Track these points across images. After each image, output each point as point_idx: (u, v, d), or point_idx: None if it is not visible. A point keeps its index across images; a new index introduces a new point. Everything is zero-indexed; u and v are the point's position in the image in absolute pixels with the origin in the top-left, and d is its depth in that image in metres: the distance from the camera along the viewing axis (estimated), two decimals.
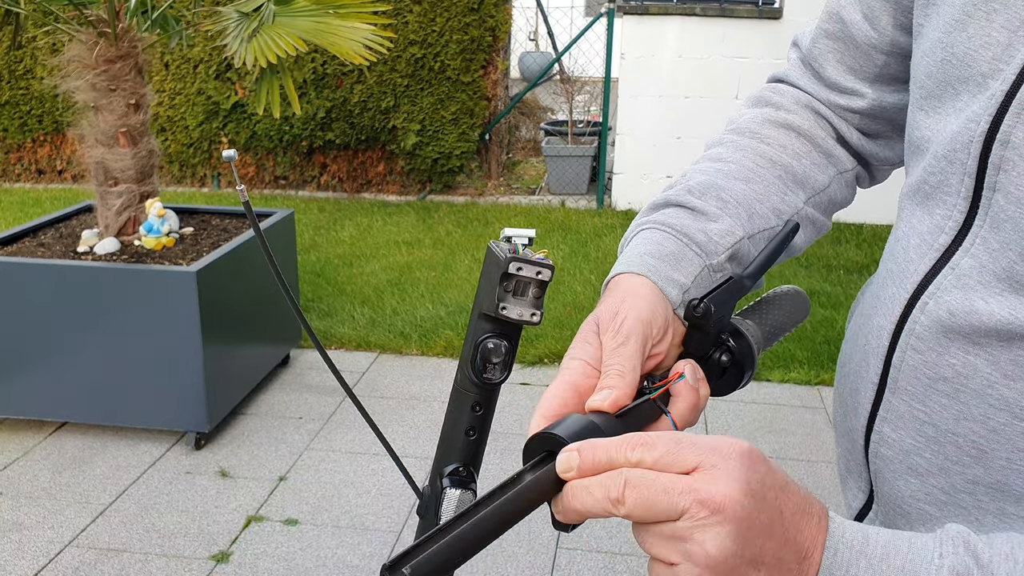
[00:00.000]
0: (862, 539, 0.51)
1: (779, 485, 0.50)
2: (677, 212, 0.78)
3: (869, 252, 5.43)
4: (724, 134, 0.88)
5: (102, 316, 3.08)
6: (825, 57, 0.86)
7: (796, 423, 3.45)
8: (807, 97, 0.88)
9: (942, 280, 0.65)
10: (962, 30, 0.65)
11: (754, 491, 0.48)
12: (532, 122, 7.89)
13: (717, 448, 0.50)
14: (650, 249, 0.74)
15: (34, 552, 2.61)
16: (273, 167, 6.87)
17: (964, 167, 0.64)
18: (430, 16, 6.33)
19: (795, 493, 0.51)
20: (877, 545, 0.50)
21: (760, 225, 0.79)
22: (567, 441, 0.54)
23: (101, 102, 3.37)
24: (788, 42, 0.95)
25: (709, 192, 0.78)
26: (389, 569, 0.48)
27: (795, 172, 0.83)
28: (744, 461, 0.49)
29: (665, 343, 0.68)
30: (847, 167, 0.88)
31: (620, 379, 0.61)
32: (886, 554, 0.50)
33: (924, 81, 0.71)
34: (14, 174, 7.17)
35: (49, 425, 3.33)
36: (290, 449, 3.20)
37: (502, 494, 0.53)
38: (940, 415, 0.65)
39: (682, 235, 0.75)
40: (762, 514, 0.49)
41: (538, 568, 2.58)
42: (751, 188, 0.80)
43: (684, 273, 0.72)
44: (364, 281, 4.86)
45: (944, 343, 0.64)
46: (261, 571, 2.55)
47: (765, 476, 0.50)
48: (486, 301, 0.64)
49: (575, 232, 5.80)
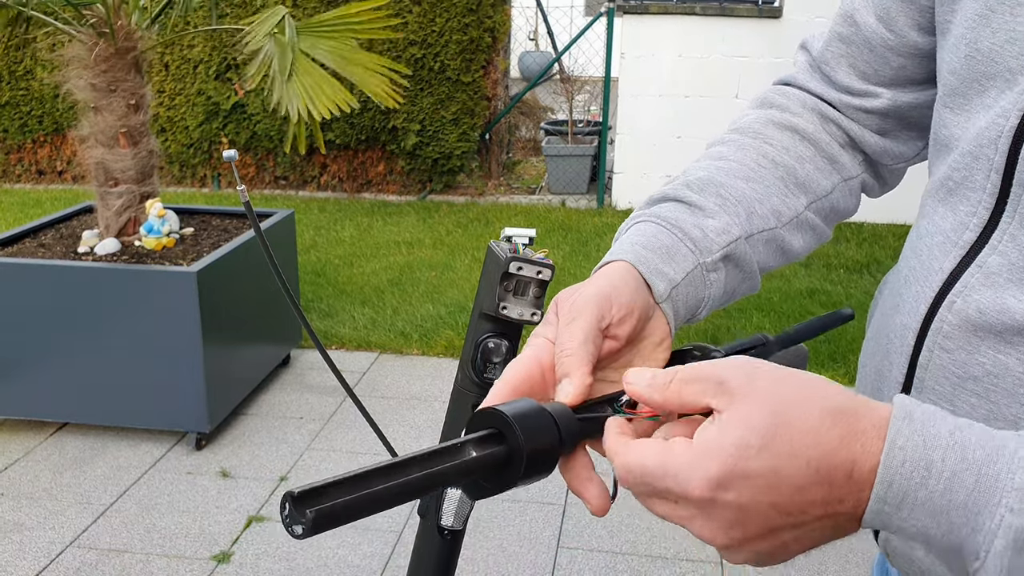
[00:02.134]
0: (924, 469, 0.48)
1: (763, 486, 0.50)
2: (674, 207, 0.76)
3: (869, 251, 5.43)
4: (726, 133, 0.86)
5: (102, 316, 3.08)
6: (837, 61, 0.84)
7: None
8: (814, 100, 0.86)
9: (969, 278, 0.64)
10: (986, 25, 0.64)
11: (729, 520, 0.51)
12: (532, 122, 7.89)
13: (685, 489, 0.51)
14: (642, 240, 0.72)
15: (35, 553, 2.62)
16: (273, 167, 6.88)
17: (991, 163, 0.63)
18: (430, 16, 6.33)
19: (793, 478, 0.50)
20: (941, 477, 0.48)
21: (759, 226, 0.77)
22: (511, 420, 0.52)
23: (101, 102, 3.37)
24: (788, 41, 0.95)
25: (708, 188, 0.77)
26: (294, 501, 0.44)
27: (797, 175, 0.82)
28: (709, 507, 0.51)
29: (626, 327, 0.65)
30: (852, 174, 0.86)
31: (573, 361, 0.60)
32: (949, 487, 0.48)
33: (948, 78, 0.69)
34: (14, 175, 7.18)
35: (50, 426, 3.33)
36: (291, 449, 3.20)
37: (440, 461, 0.50)
38: (969, 415, 0.64)
39: (676, 229, 0.73)
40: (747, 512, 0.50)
41: (539, 567, 2.58)
42: (752, 187, 0.78)
43: (675, 268, 0.71)
44: (364, 281, 4.86)
45: (974, 342, 0.63)
46: (262, 571, 2.55)
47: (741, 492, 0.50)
48: (487, 301, 0.64)
49: (575, 232, 5.80)
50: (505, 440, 0.52)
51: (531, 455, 0.52)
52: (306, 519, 0.44)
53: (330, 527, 0.45)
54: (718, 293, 0.75)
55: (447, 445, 0.51)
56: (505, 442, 0.52)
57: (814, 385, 0.52)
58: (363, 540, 2.68)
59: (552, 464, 0.54)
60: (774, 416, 0.49)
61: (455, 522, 0.69)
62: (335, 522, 0.45)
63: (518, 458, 0.52)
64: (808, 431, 0.49)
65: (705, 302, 0.74)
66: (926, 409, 0.50)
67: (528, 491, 2.94)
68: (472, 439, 0.52)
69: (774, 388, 0.51)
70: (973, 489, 0.47)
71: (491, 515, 2.81)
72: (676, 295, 0.70)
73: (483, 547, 2.67)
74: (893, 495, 0.48)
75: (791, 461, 0.49)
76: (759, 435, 0.49)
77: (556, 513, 2.83)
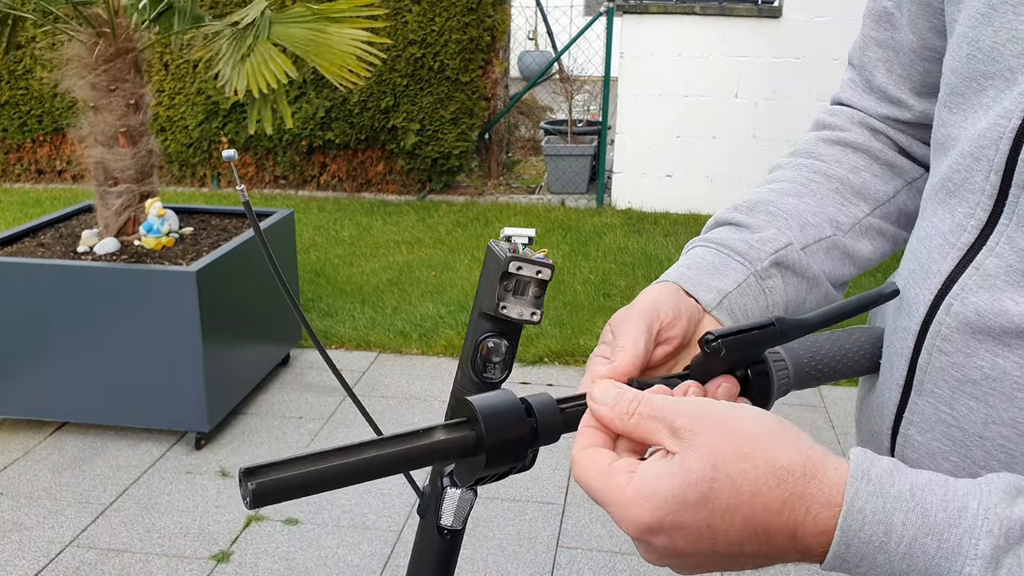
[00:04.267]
0: (884, 533, 0.48)
1: (696, 538, 0.50)
2: (725, 230, 0.79)
3: None
4: (783, 158, 0.89)
5: (102, 316, 3.07)
6: (875, 65, 0.85)
7: (796, 422, 3.40)
8: (860, 115, 0.88)
9: (966, 280, 0.63)
10: (988, 24, 0.64)
11: (661, 554, 0.52)
12: (532, 121, 7.89)
13: (620, 523, 0.52)
14: (688, 262, 0.77)
15: (35, 552, 2.62)
16: (273, 167, 6.87)
17: (991, 164, 0.62)
18: (429, 16, 6.32)
19: (740, 519, 0.49)
20: (901, 541, 0.47)
21: (815, 235, 0.79)
22: (476, 411, 0.55)
23: (101, 102, 3.37)
24: (788, 41, 0.96)
25: (757, 208, 0.80)
26: (242, 474, 0.48)
27: (852, 184, 0.83)
28: (649, 534, 0.51)
29: (679, 328, 0.69)
30: (914, 176, 0.86)
31: (622, 352, 0.64)
32: (909, 553, 0.47)
33: (950, 77, 0.69)
34: (14, 174, 7.17)
35: (49, 425, 3.33)
36: (291, 449, 3.20)
37: (403, 444, 0.52)
38: (968, 418, 0.64)
39: (724, 247, 0.77)
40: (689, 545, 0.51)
41: (538, 567, 2.58)
42: (804, 201, 0.81)
43: (724, 280, 0.74)
44: (364, 280, 4.86)
45: (972, 345, 0.63)
46: (262, 571, 2.55)
47: (674, 539, 0.50)
48: (486, 300, 0.64)
49: (575, 231, 5.80)
50: (474, 428, 0.55)
51: (496, 445, 0.54)
52: (247, 491, 0.47)
53: (274, 501, 0.48)
54: (780, 300, 0.77)
55: (416, 430, 0.53)
56: (474, 430, 0.55)
57: (765, 438, 0.51)
58: (363, 540, 2.68)
59: (524, 453, 0.56)
60: (714, 471, 0.49)
61: (455, 522, 0.69)
62: (279, 496, 0.48)
63: (483, 445, 0.54)
64: (746, 491, 0.49)
65: (771, 309, 0.76)
66: (883, 466, 0.50)
67: (528, 491, 2.94)
68: (442, 425, 0.55)
69: (720, 441, 0.51)
70: (935, 555, 0.47)
71: (491, 515, 2.81)
72: (731, 303, 0.73)
73: (483, 547, 2.67)
74: (852, 555, 0.48)
75: (727, 518, 0.49)
76: (697, 490, 0.49)
77: (556, 513, 2.84)
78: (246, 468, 0.47)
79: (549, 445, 0.58)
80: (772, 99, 6.02)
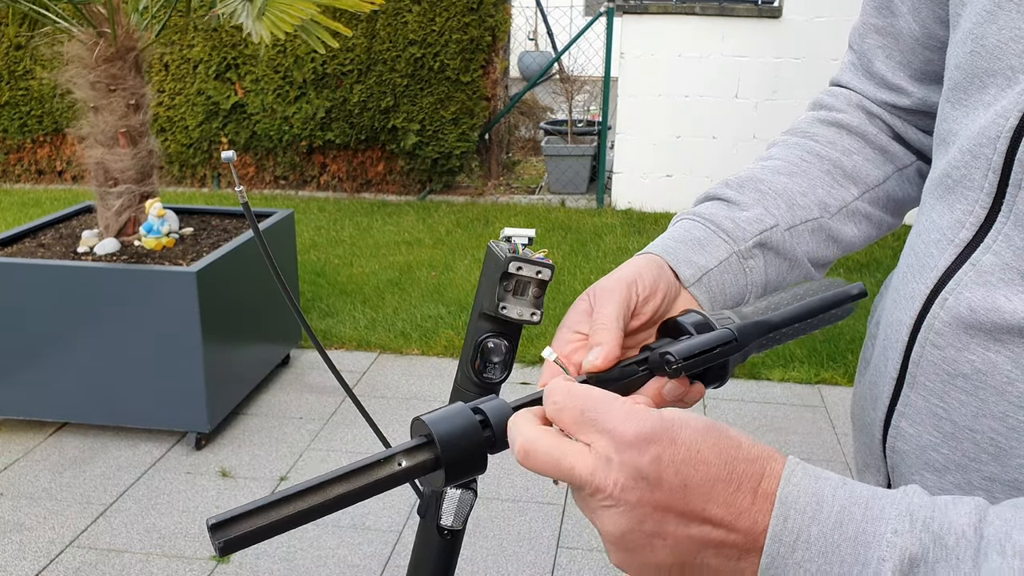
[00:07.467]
0: (816, 504, 0.49)
1: (684, 459, 0.50)
2: (713, 204, 0.80)
3: (869, 251, 5.43)
4: (779, 136, 0.90)
5: (102, 316, 3.08)
6: (874, 52, 0.86)
7: (796, 422, 3.45)
8: (858, 97, 0.88)
9: (962, 276, 0.64)
10: (992, 21, 0.64)
11: (646, 474, 0.50)
12: (532, 122, 7.89)
13: (611, 433, 0.51)
14: (674, 234, 0.77)
15: (35, 552, 2.62)
16: (273, 167, 6.87)
17: (989, 162, 0.63)
18: (429, 16, 6.32)
19: (710, 465, 0.50)
20: (832, 510, 0.49)
21: (802, 216, 0.80)
22: (430, 431, 0.55)
23: (101, 102, 3.37)
24: (788, 41, 0.97)
25: (747, 185, 0.81)
26: (210, 530, 0.49)
27: (844, 167, 0.84)
28: (635, 448, 0.50)
29: (651, 305, 0.70)
30: (905, 163, 0.87)
31: (606, 333, 0.64)
32: (840, 521, 0.48)
33: (953, 72, 0.70)
34: (14, 175, 7.18)
35: (49, 425, 3.33)
36: (291, 449, 3.20)
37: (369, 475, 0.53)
38: (958, 411, 0.65)
39: (710, 223, 0.77)
40: (656, 492, 0.50)
41: (538, 567, 2.58)
42: (794, 181, 0.82)
43: (707, 257, 0.75)
44: (364, 281, 4.86)
45: (964, 339, 0.64)
46: (262, 571, 2.55)
47: (661, 454, 0.50)
48: (486, 300, 0.65)
49: (575, 231, 5.80)
50: (431, 450, 0.55)
51: (452, 462, 0.55)
52: (215, 546, 0.49)
53: (242, 548, 0.50)
54: (760, 280, 0.78)
55: (375, 459, 0.54)
56: (432, 452, 0.55)
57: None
58: (363, 540, 2.68)
59: (483, 463, 0.57)
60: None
61: (455, 522, 0.69)
62: (247, 544, 0.50)
63: (441, 464, 0.55)
64: (706, 441, 0.51)
65: (749, 288, 0.77)
66: (814, 467, 0.52)
67: (528, 491, 2.94)
68: (402, 450, 0.55)
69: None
70: (862, 519, 0.48)
71: (491, 515, 2.82)
72: (710, 281, 0.74)
73: (483, 547, 2.67)
74: (788, 532, 0.49)
75: (704, 446, 0.51)
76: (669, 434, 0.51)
77: (556, 513, 2.84)
78: (213, 523, 0.49)
79: None
80: (772, 99, 6.02)
